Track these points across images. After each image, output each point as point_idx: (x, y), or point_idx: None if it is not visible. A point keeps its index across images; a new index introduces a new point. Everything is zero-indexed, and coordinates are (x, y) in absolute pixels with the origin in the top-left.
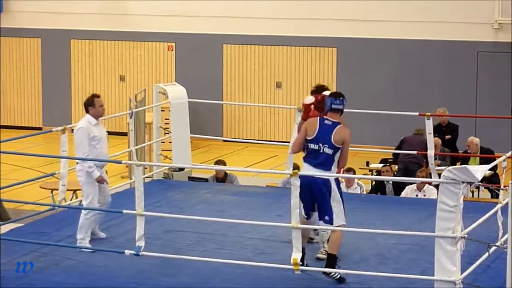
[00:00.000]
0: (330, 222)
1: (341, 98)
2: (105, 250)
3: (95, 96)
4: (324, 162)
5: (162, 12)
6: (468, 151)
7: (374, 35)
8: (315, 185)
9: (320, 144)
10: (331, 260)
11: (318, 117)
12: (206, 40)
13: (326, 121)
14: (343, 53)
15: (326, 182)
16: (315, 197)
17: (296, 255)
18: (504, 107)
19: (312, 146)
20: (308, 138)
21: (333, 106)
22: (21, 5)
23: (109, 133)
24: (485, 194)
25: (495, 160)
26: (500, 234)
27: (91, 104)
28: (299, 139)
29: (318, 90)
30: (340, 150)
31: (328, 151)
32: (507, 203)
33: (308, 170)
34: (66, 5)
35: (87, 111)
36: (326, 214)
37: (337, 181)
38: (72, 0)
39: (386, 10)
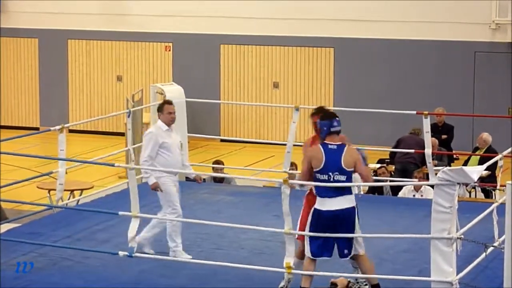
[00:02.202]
0: (348, 255)
1: (337, 118)
2: (100, 251)
3: (166, 102)
4: (342, 188)
5: (159, 12)
6: (477, 145)
7: (372, 35)
8: (342, 217)
9: (330, 173)
10: None
11: (320, 145)
12: (203, 40)
13: (330, 146)
14: (341, 53)
15: (352, 211)
16: (338, 231)
17: (289, 259)
18: (501, 107)
19: (321, 177)
20: (316, 169)
21: (332, 129)
22: (18, 5)
23: (107, 133)
24: (482, 194)
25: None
26: (496, 234)
27: (160, 110)
28: (305, 171)
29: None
30: (352, 173)
31: (340, 178)
32: (502, 203)
33: (330, 203)
34: (63, 5)
35: (159, 116)
36: (345, 248)
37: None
38: (69, 0)
39: (383, 10)
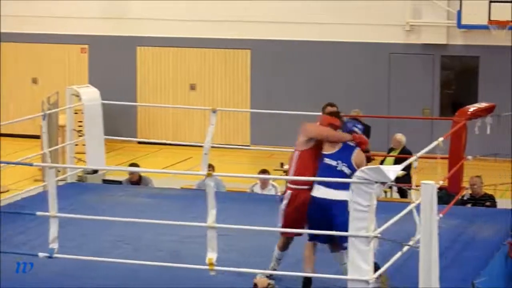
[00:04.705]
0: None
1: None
2: (19, 253)
3: None
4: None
5: (75, 14)
6: (392, 146)
7: (288, 36)
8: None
9: (339, 162)
10: None
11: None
12: (120, 42)
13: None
14: (257, 55)
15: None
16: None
17: (212, 255)
18: (416, 107)
19: (328, 161)
20: (326, 152)
21: (354, 128)
22: None
23: (22, 136)
24: (397, 194)
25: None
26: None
27: None
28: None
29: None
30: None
31: (347, 170)
32: (419, 203)
33: (322, 191)
34: None
35: None
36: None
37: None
38: None
39: (300, 12)
